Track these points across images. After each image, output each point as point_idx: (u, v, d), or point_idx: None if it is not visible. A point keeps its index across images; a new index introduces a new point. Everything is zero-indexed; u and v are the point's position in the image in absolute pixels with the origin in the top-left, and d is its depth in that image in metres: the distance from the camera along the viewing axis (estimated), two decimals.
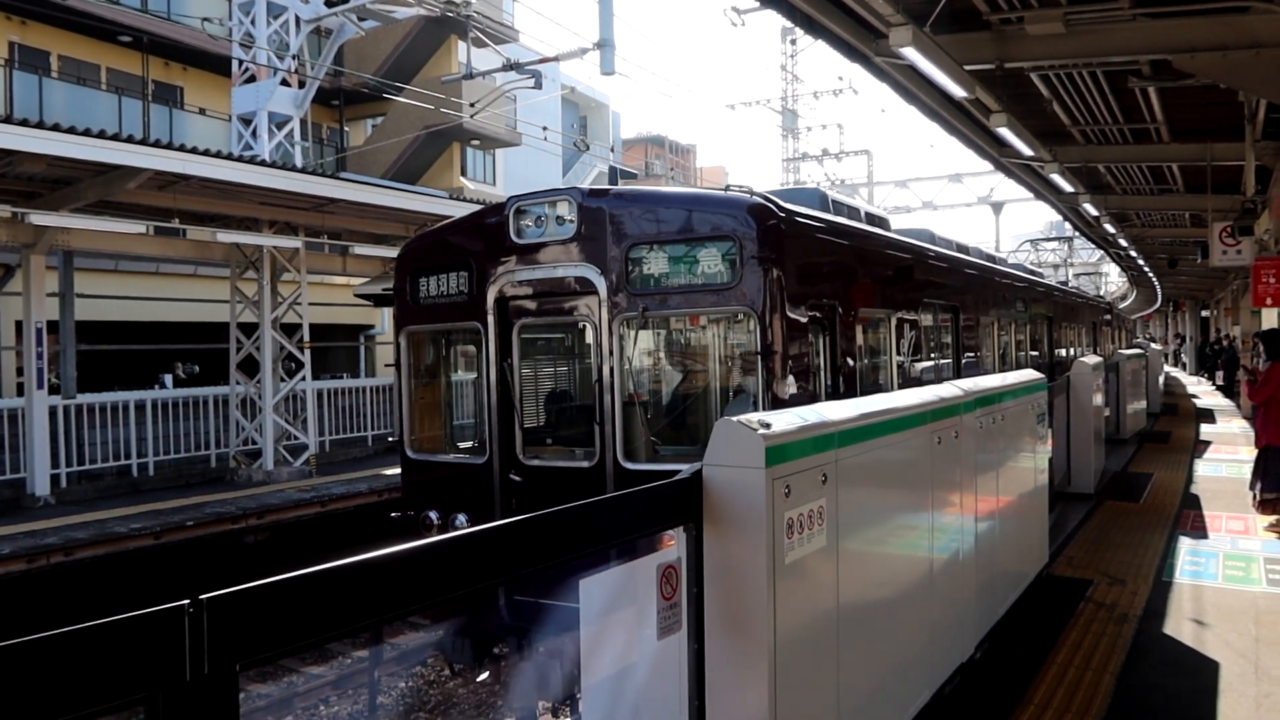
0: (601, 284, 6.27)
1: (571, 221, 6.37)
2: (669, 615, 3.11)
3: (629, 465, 6.21)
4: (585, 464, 6.42)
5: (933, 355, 9.68)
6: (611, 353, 6.24)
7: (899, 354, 8.21)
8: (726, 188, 6.42)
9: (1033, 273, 18.56)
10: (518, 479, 6.68)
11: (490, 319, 6.76)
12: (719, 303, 6.01)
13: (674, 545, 3.18)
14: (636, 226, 6.22)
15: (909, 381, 8.16)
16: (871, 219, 9.29)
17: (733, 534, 3.17)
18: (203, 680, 1.70)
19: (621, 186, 6.96)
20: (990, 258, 14.39)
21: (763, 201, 6.10)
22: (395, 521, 7.28)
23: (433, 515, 6.94)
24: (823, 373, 6.70)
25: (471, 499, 6.82)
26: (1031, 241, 44.82)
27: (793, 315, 6.03)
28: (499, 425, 6.73)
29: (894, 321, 8.12)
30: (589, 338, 6.55)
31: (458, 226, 7.30)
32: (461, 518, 6.81)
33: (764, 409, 5.39)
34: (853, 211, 8.91)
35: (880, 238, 8.43)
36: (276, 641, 1.89)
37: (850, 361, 6.96)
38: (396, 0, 20.53)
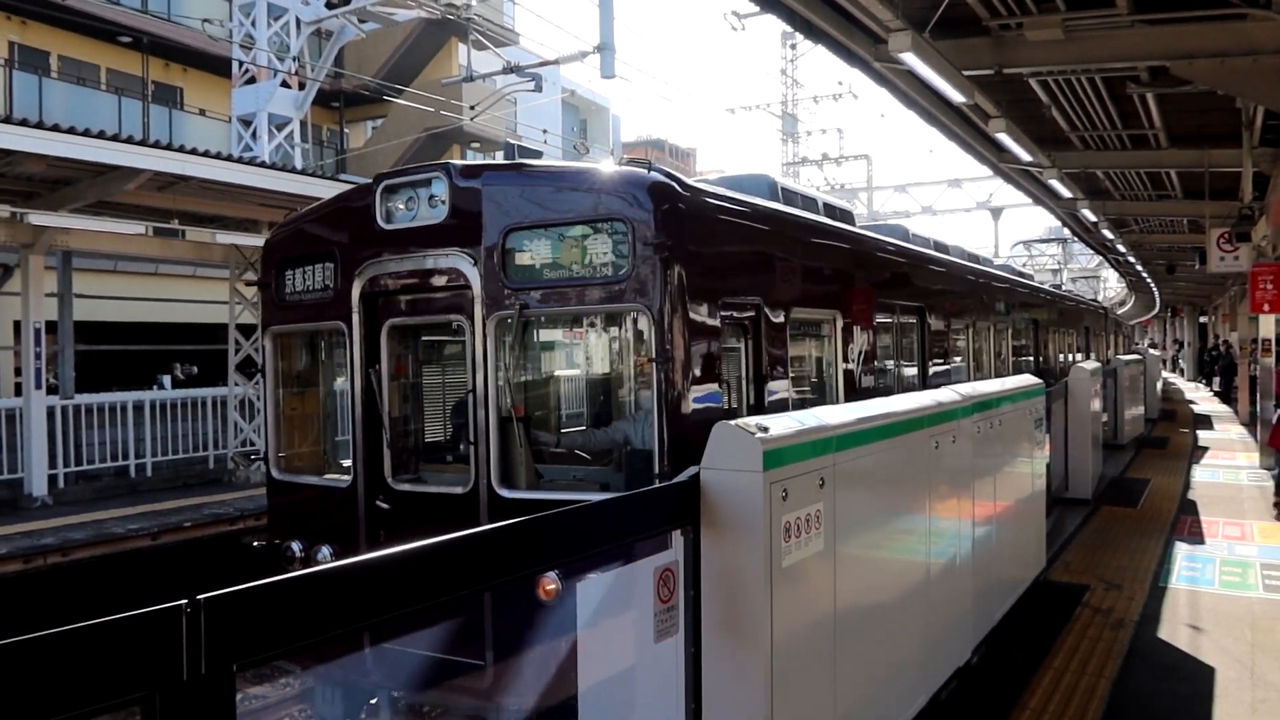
0: (475, 276, 5.37)
1: (444, 203, 5.50)
2: (666, 618, 3.11)
3: (505, 493, 5.28)
4: (459, 490, 5.48)
5: (892, 363, 8.67)
6: (486, 358, 5.36)
7: (847, 362, 7.20)
8: (650, 167, 5.31)
9: (1020, 274, 17.81)
10: (386, 506, 5.76)
11: (355, 318, 5.86)
12: (609, 299, 5.10)
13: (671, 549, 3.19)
14: (515, 208, 5.33)
15: (859, 393, 7.14)
16: (833, 210, 8.40)
17: (730, 537, 3.18)
18: (200, 680, 1.71)
19: (504, 162, 6.15)
20: (973, 257, 13.49)
21: (663, 179, 5.13)
22: (258, 552, 6.40)
23: (295, 546, 6.00)
24: (744, 384, 5.83)
25: (337, 528, 5.90)
26: (1024, 243, 44.52)
27: (700, 315, 5.15)
28: (364, 443, 5.82)
29: (840, 325, 7.09)
30: (465, 340, 5.65)
31: (323, 210, 6.33)
32: (325, 550, 5.88)
33: (662, 428, 4.84)
34: (808, 201, 8.03)
35: (824, 228, 7.40)
36: (274, 642, 1.90)
37: (780, 371, 6.08)
38: (397, 3, 20.54)
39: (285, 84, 21.56)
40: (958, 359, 10.89)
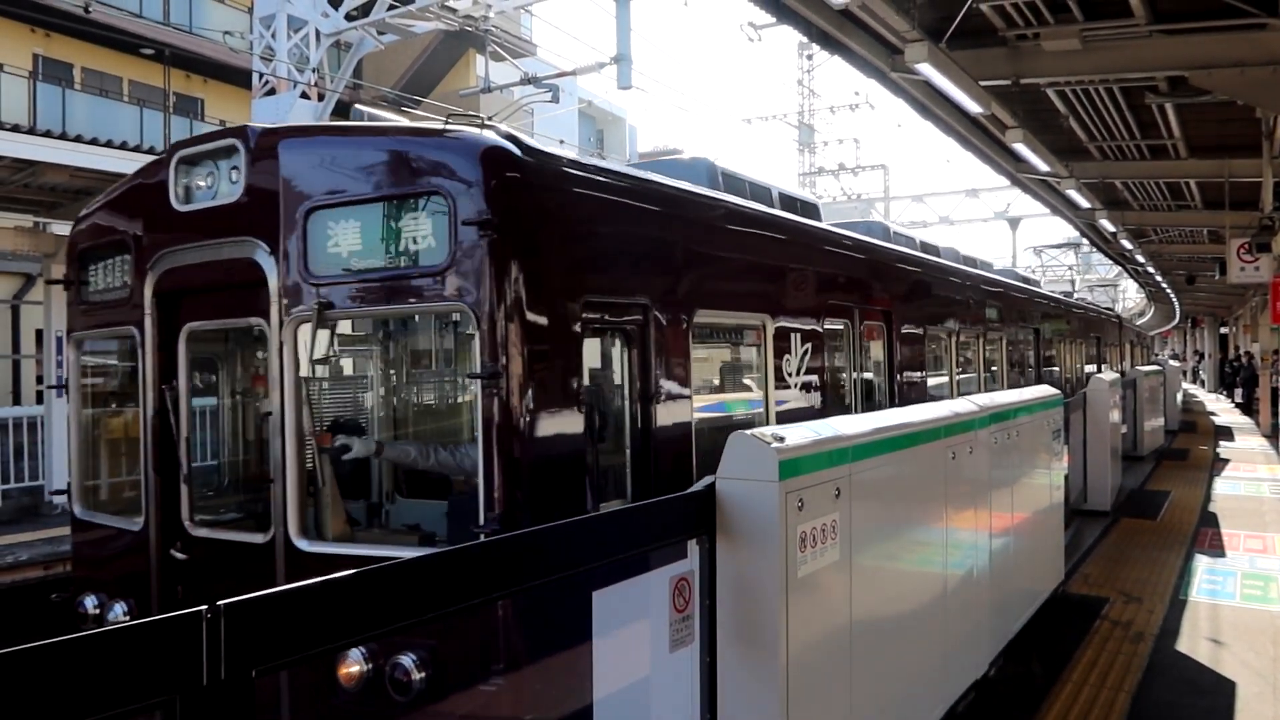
0: (271, 269, 4.33)
1: (241, 177, 4.49)
2: (681, 628, 3.12)
3: (305, 545, 4.27)
4: (260, 539, 4.44)
5: (848, 376, 7.54)
6: (283, 373, 4.32)
7: (782, 376, 6.13)
8: (483, 125, 4.26)
9: (1025, 280, 16.95)
10: (182, 556, 4.75)
11: (148, 322, 4.85)
12: (424, 296, 4.06)
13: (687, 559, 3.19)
14: (319, 182, 4.30)
15: (797, 414, 6.07)
16: (792, 202, 7.40)
17: (745, 547, 3.18)
18: (219, 685, 1.73)
19: (311, 124, 5.05)
20: (969, 260, 12.44)
21: (498, 141, 4.07)
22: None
23: (89, 602, 5.00)
24: (625, 405, 4.77)
25: (131, 580, 4.92)
26: (1035, 249, 43.71)
27: (548, 317, 4.10)
28: (157, 478, 4.82)
29: (771, 332, 6.00)
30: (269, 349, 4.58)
31: (120, 191, 5.28)
32: (119, 608, 4.91)
33: (490, 466, 3.88)
34: (759, 190, 7.00)
35: (751, 215, 6.20)
36: (293, 648, 1.92)
37: (677, 388, 4.98)
38: (416, 14, 20.70)
39: (305, 95, 21.74)
40: (938, 372, 9.73)
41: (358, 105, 5.37)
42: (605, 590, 2.92)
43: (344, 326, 5.23)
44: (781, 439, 3.28)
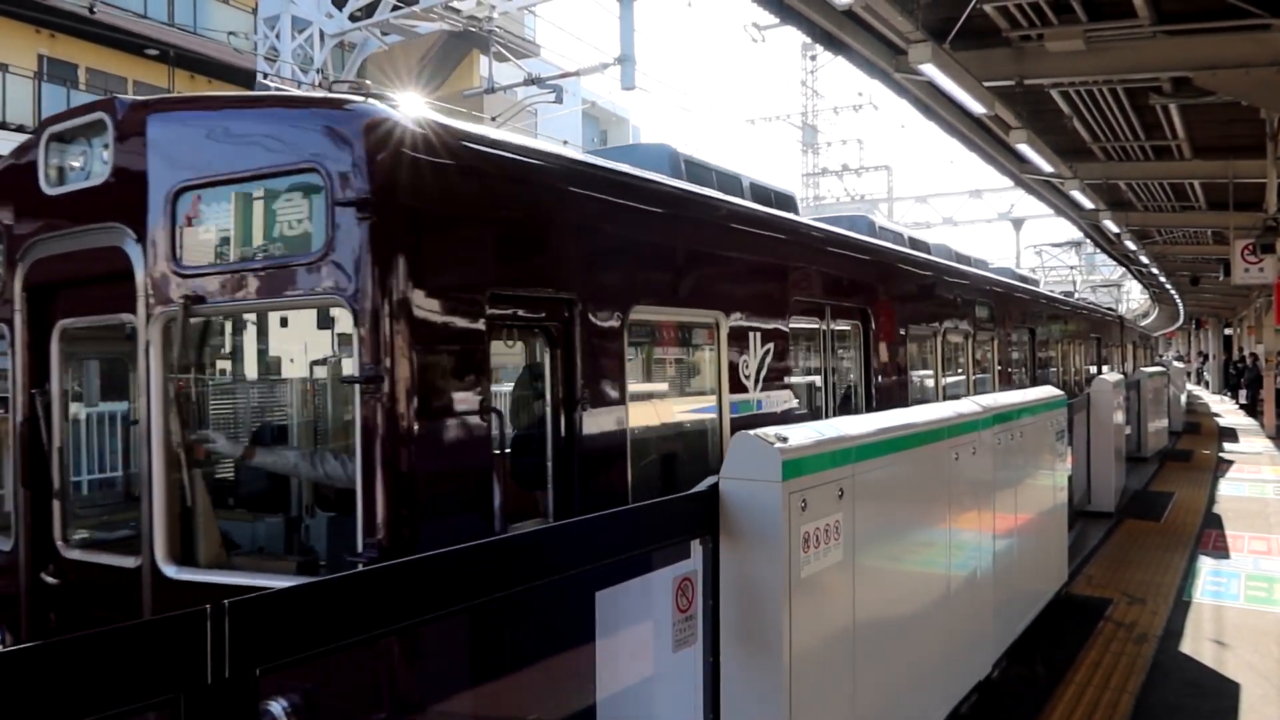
0: (138, 258, 3.87)
1: (109, 156, 4.03)
2: (685, 628, 3.12)
3: (172, 572, 3.78)
4: (130, 563, 3.96)
5: (821, 379, 7.03)
6: (150, 376, 3.85)
7: (737, 378, 5.60)
8: (367, 93, 3.87)
9: (1023, 278, 16.50)
10: (54, 580, 4.29)
11: (17, 319, 4.39)
12: (301, 289, 3.57)
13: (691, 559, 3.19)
14: (189, 159, 3.83)
15: (754, 422, 5.43)
16: (764, 193, 6.86)
17: (749, 547, 3.18)
18: (223, 684, 1.73)
19: (183, 95, 4.71)
20: (962, 258, 11.94)
21: (385, 111, 3.61)
22: None
23: None
24: (547, 411, 4.27)
25: (4, 607, 4.46)
26: (1035, 247, 43.25)
27: (445, 313, 3.65)
28: (26, 493, 4.34)
29: (725, 331, 5.49)
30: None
31: None
32: None
33: (371, 482, 3.41)
34: (727, 179, 6.51)
35: (693, 200, 5.58)
36: (296, 646, 1.92)
37: (608, 393, 4.49)
38: (420, 15, 20.73)
39: None
40: (921, 375, 9.26)
41: (267, 76, 4.97)
42: (608, 590, 2.92)
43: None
44: (785, 439, 3.28)
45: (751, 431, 3.29)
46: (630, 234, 4.89)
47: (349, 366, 3.61)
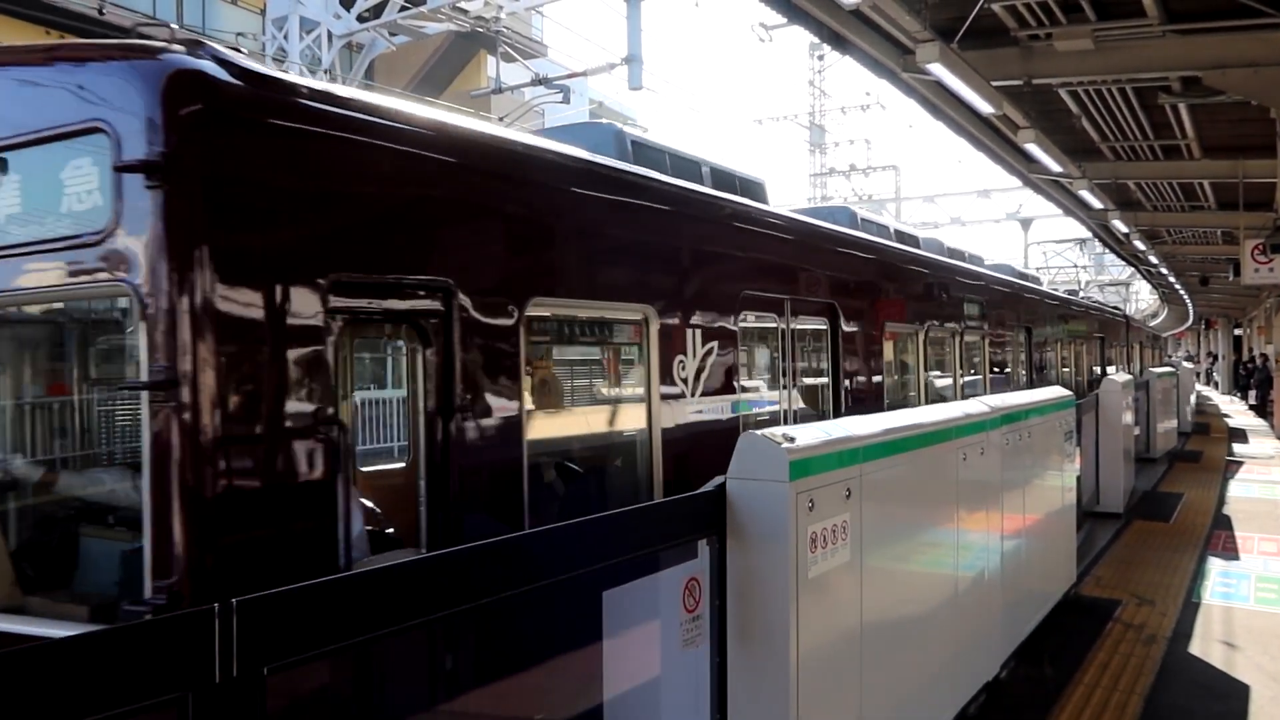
0: None
1: None
2: (692, 628, 3.12)
3: None
4: None
5: (778, 382, 6.44)
6: None
7: (679, 383, 5.02)
8: (173, 39, 3.20)
9: (1022, 275, 16.10)
10: None
11: None
12: (82, 275, 3.05)
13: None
14: None
15: (693, 432, 5.05)
16: (729, 179, 6.44)
17: (756, 547, 3.18)
18: (231, 683, 1.74)
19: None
20: (955, 253, 11.40)
21: (191, 61, 3.03)
22: None
23: None
24: (422, 422, 3.67)
25: None
26: (1039, 243, 42.68)
27: (265, 304, 3.06)
28: None
29: (656, 328, 4.89)
30: None
31: None
32: None
33: (165, 514, 2.85)
34: (683, 163, 6.03)
35: (610, 178, 4.87)
36: (305, 645, 1.92)
37: (501, 399, 3.89)
38: (427, 16, 20.78)
39: None
40: (898, 378, 8.69)
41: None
42: (616, 590, 2.92)
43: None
44: (792, 439, 3.28)
45: (759, 431, 3.29)
46: (530, 215, 4.26)
47: (135, 371, 2.97)
